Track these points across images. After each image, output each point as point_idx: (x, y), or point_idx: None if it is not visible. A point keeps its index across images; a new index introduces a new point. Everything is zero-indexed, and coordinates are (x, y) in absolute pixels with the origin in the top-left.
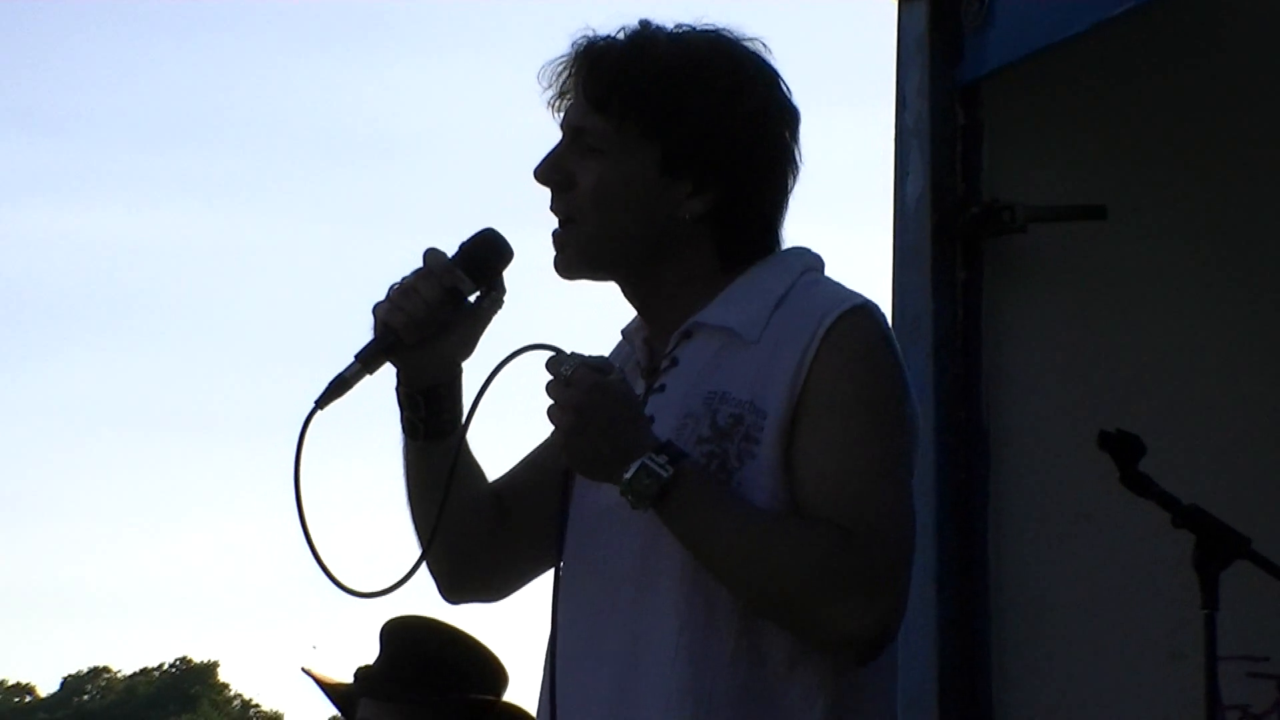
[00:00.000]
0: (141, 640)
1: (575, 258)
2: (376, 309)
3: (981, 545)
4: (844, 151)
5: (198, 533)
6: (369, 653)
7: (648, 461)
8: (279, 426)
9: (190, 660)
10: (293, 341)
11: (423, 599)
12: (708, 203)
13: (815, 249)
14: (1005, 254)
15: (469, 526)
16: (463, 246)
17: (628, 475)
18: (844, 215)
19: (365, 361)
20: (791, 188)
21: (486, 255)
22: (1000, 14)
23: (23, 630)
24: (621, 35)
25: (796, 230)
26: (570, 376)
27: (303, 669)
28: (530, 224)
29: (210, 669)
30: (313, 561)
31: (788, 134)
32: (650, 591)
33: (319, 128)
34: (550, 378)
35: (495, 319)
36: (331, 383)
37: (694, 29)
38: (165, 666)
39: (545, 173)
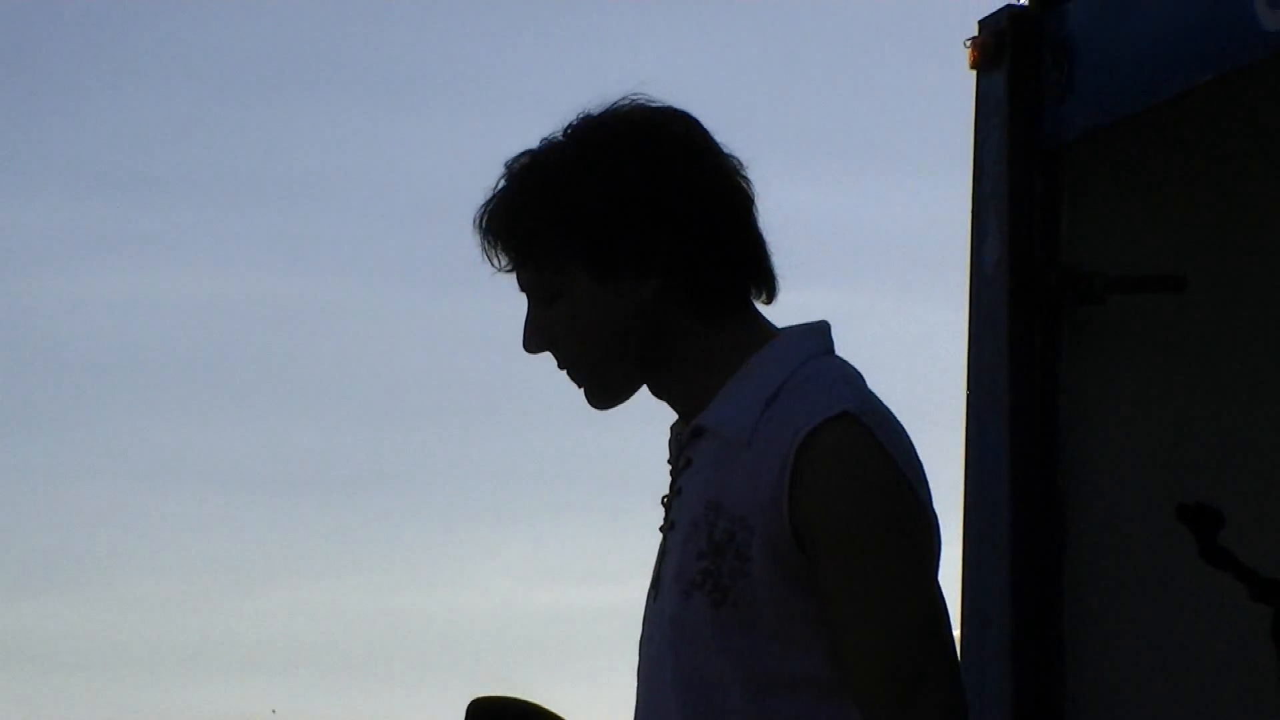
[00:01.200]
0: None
1: (593, 393)
2: None
3: (1058, 615)
4: (919, 219)
5: (262, 593)
6: None
7: None
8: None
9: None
10: (377, 405)
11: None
12: (657, 281)
13: (883, 323)
14: (1084, 323)
15: None
16: None
17: None
18: (919, 283)
19: None
20: (739, 216)
21: None
22: (1081, 82)
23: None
24: (503, 182)
25: (866, 299)
26: None
27: None
28: None
29: None
30: None
31: (697, 170)
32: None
33: (409, 187)
34: None
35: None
36: None
37: (555, 139)
38: None
39: (530, 344)
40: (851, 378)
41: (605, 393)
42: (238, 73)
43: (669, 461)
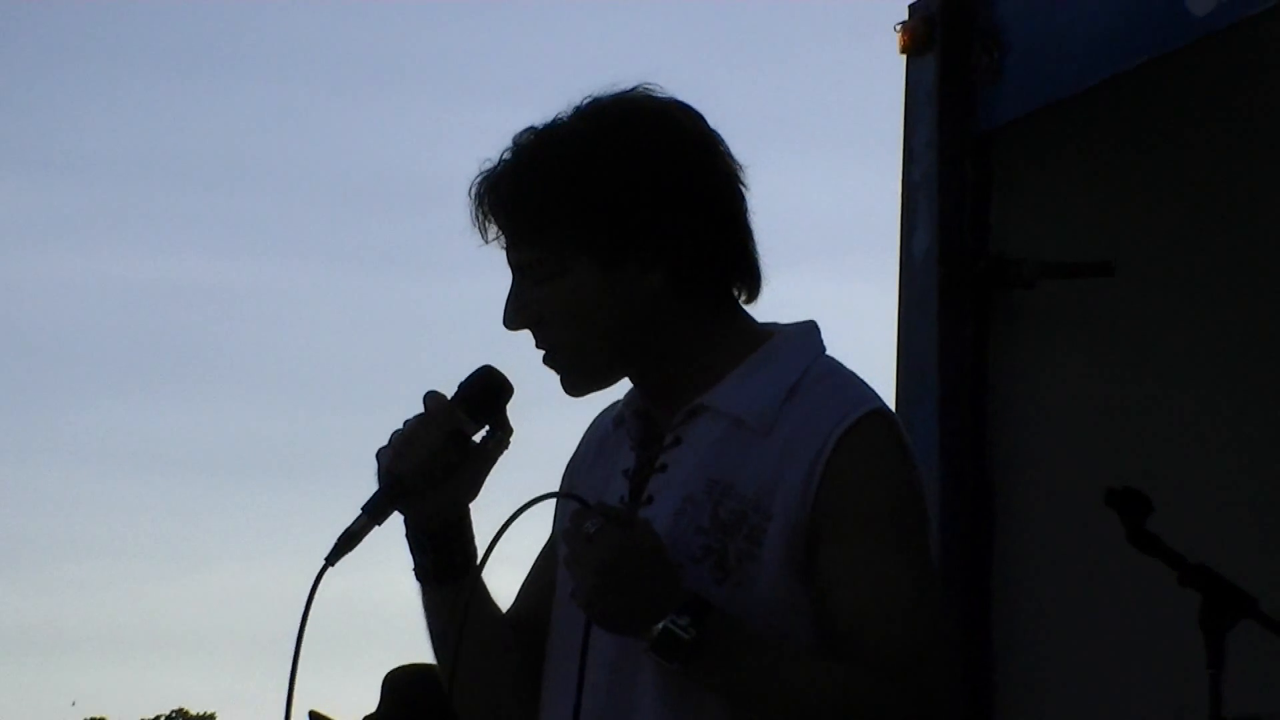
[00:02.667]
0: (139, 688)
1: (573, 378)
2: (380, 455)
3: (985, 599)
4: (850, 204)
5: (198, 580)
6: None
7: (670, 626)
8: (288, 470)
9: (188, 712)
10: (317, 389)
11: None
12: (662, 273)
13: (813, 307)
14: (1013, 309)
15: (493, 675)
16: (462, 386)
17: (650, 637)
18: (850, 267)
19: (373, 514)
20: (743, 216)
21: (486, 393)
22: (1011, 68)
23: (17, 676)
24: (505, 160)
25: (803, 284)
26: (594, 534)
27: (310, 713)
28: None
29: None
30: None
31: (708, 164)
32: (631, 701)
33: (348, 172)
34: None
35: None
36: (340, 538)
37: (565, 121)
38: (162, 718)
39: (513, 320)
40: (859, 377)
41: (586, 379)
42: (179, 55)
43: (630, 437)
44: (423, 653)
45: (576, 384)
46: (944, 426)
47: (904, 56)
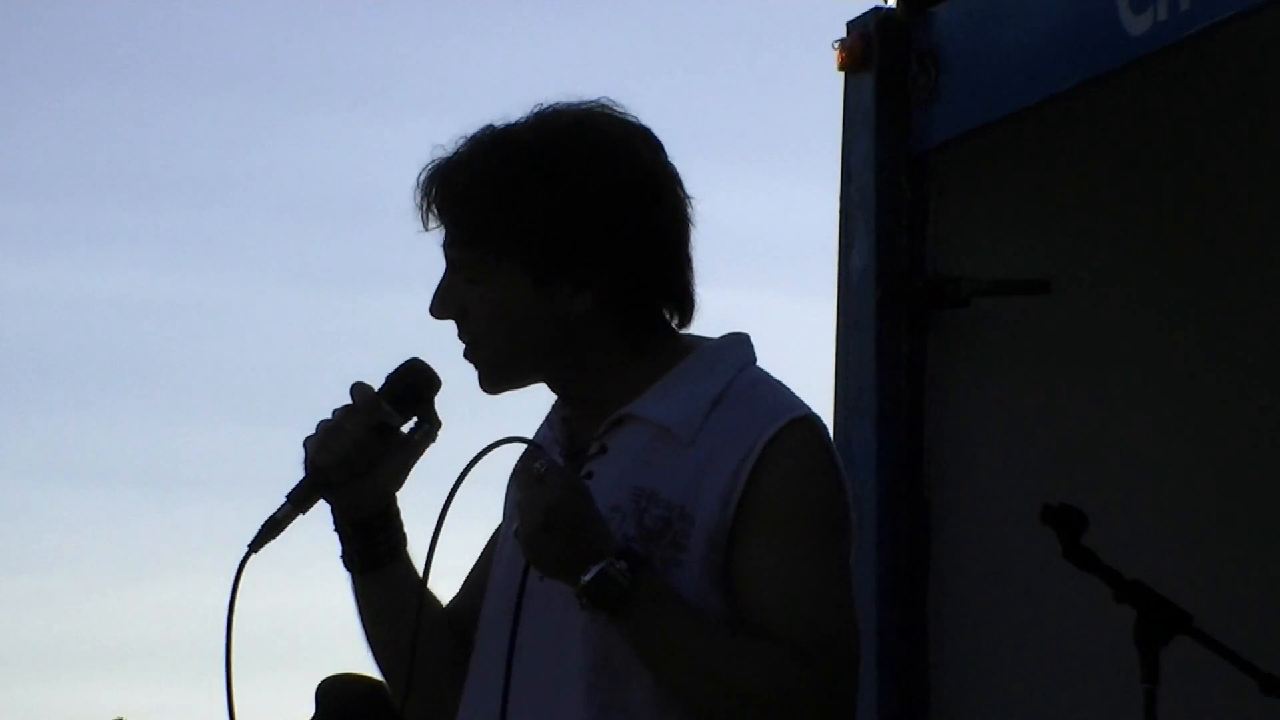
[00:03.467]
0: (78, 701)
1: (489, 378)
2: (306, 445)
3: (921, 617)
4: (788, 221)
5: (137, 594)
6: (304, 711)
7: (608, 568)
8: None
9: None
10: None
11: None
12: (593, 297)
13: (750, 324)
14: (950, 327)
15: (430, 663)
16: (388, 379)
17: (586, 579)
18: (788, 285)
19: (296, 502)
20: (685, 247)
21: (413, 386)
22: (947, 88)
23: None
24: (455, 156)
25: (740, 299)
26: (543, 473)
27: None
28: None
29: None
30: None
31: (659, 198)
32: (557, 691)
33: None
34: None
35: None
36: (264, 525)
37: (516, 128)
38: None
39: (439, 309)
40: (785, 386)
41: (500, 379)
42: (126, 68)
43: (558, 444)
44: (355, 662)
45: (491, 382)
46: (882, 442)
47: (842, 74)
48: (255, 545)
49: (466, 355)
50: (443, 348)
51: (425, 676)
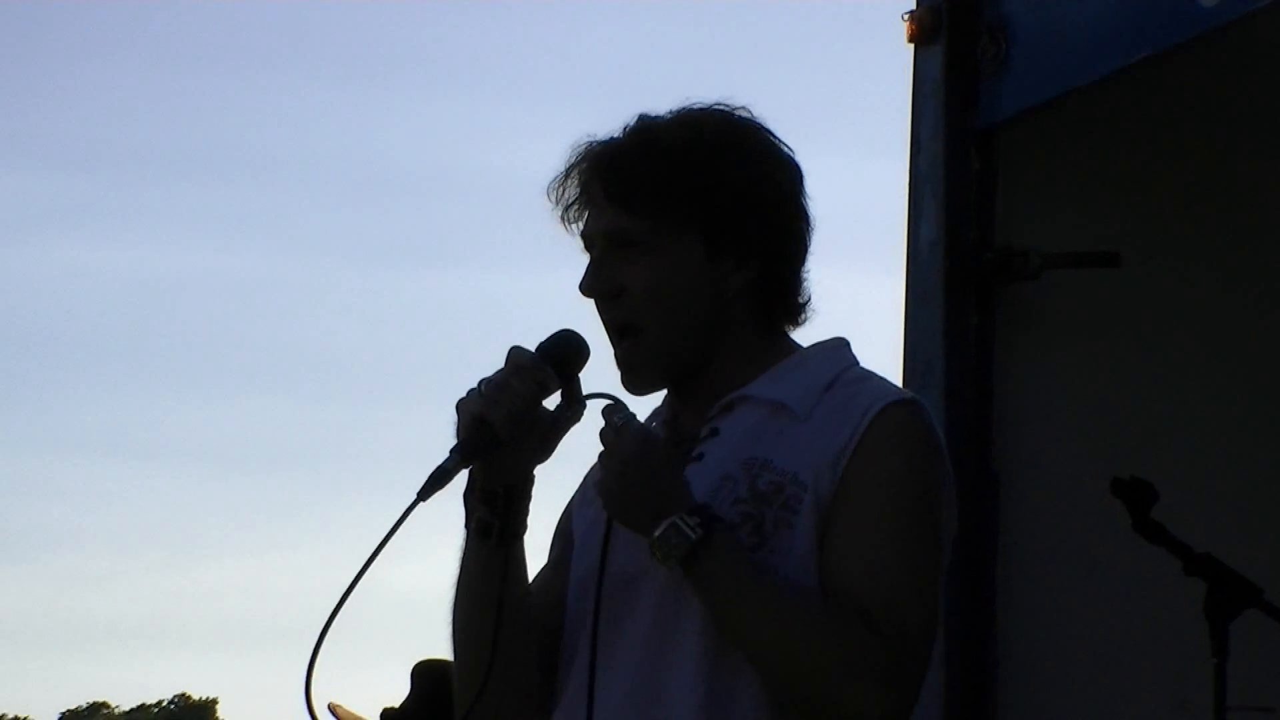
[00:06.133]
0: (141, 676)
1: (649, 375)
2: (464, 405)
3: (990, 590)
4: (857, 195)
5: (201, 568)
6: (394, 694)
7: (679, 521)
8: (291, 463)
9: (189, 697)
10: (314, 380)
11: None
12: (750, 275)
13: (817, 298)
14: (1019, 300)
15: (521, 653)
16: (543, 346)
17: (658, 531)
18: (856, 259)
19: (466, 454)
20: (807, 247)
21: (566, 354)
22: (1017, 60)
23: (22, 663)
24: (625, 133)
25: (809, 273)
26: (621, 426)
27: (329, 706)
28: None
29: (209, 706)
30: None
31: (800, 192)
32: (668, 668)
33: (356, 165)
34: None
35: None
36: (432, 475)
37: (692, 110)
38: (164, 703)
39: (594, 284)
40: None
41: (656, 376)
42: (197, 48)
43: (670, 440)
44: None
45: (646, 381)
46: (949, 418)
47: (911, 46)
48: (424, 494)
49: (617, 339)
50: (530, 325)
51: (513, 660)
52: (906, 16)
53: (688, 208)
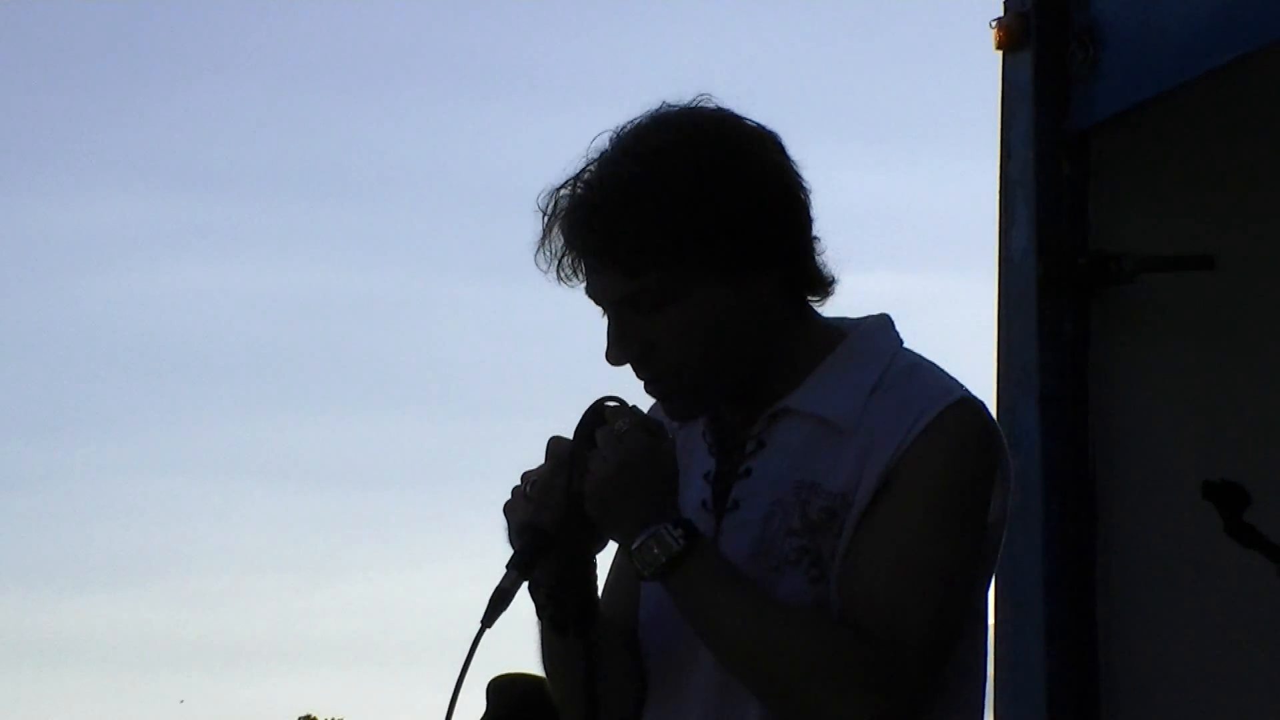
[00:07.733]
0: (266, 695)
1: (692, 405)
2: (511, 510)
3: (1090, 598)
4: (947, 201)
5: (328, 588)
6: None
7: (662, 531)
8: (416, 480)
9: (315, 718)
10: (455, 400)
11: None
12: (775, 276)
13: (912, 304)
14: (1113, 304)
15: (620, 682)
16: (581, 427)
17: (639, 539)
18: (950, 264)
19: (522, 568)
20: (812, 206)
21: None
22: (1107, 63)
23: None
24: (589, 186)
25: (901, 280)
26: (623, 434)
27: None
28: None
29: None
30: None
31: (787, 165)
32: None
33: (491, 180)
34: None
35: None
36: (492, 598)
37: (648, 133)
38: None
39: (621, 353)
40: (940, 368)
41: (698, 400)
42: (310, 67)
43: (708, 443)
44: (525, 661)
45: (687, 404)
46: (1045, 423)
47: (1000, 53)
48: (488, 620)
49: (659, 390)
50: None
51: (614, 689)
52: (994, 24)
53: (688, 249)
